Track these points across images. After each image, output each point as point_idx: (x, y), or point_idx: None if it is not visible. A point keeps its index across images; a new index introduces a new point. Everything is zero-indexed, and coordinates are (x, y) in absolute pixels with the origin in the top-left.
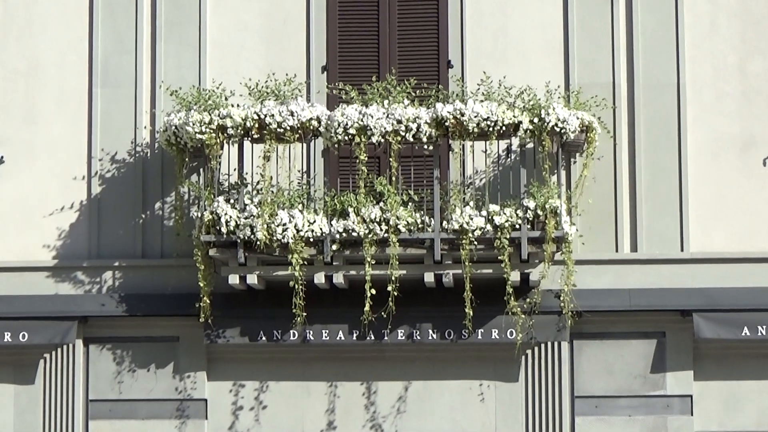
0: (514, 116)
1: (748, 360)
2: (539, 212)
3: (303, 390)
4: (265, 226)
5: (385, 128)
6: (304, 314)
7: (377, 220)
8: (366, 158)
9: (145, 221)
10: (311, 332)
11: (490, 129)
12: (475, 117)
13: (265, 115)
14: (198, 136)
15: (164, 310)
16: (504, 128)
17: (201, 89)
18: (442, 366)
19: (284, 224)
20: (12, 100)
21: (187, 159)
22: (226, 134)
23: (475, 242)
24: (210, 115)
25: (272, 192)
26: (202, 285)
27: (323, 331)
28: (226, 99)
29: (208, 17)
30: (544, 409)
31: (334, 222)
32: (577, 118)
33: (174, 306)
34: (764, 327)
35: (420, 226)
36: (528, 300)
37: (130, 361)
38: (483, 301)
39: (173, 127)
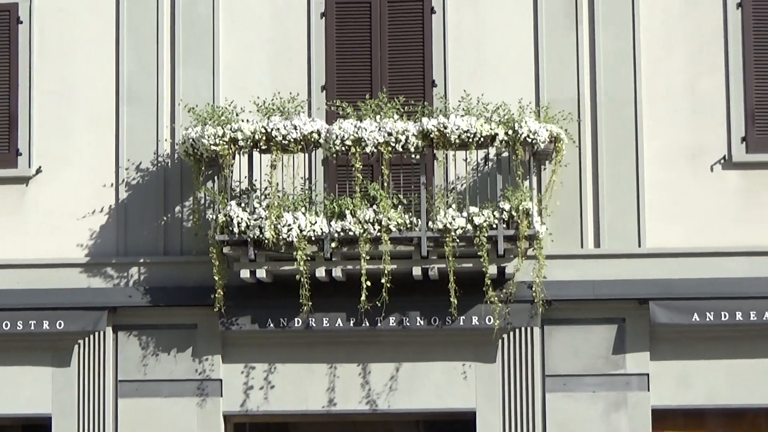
0: (490, 129)
1: (697, 342)
2: (513, 213)
3: (306, 371)
4: (273, 226)
5: (377, 140)
6: (309, 304)
7: (371, 220)
8: (361, 166)
9: (166, 223)
10: (313, 320)
11: (470, 140)
12: (457, 130)
13: (272, 129)
14: (212, 147)
15: (184, 300)
16: (482, 139)
17: (215, 106)
18: (428, 349)
19: (289, 225)
20: (48, 118)
21: (203, 168)
22: (237, 146)
23: (457, 240)
24: (223, 129)
25: (278, 196)
26: (217, 279)
27: (324, 319)
28: (237, 115)
29: (221, 42)
30: (518, 386)
31: (333, 223)
32: (547, 130)
33: (192, 297)
34: (712, 313)
35: (408, 226)
36: (504, 290)
37: (154, 346)
38: (464, 291)
39: (191, 140)
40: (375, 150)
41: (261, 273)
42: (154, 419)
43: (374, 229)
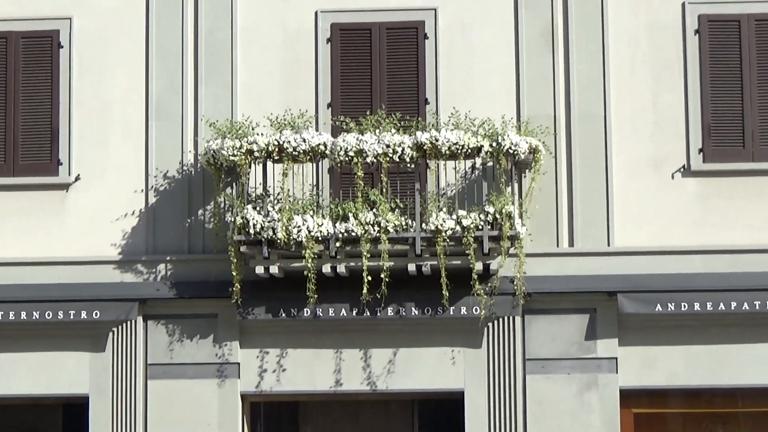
0: (477, 141)
1: (660, 330)
2: (497, 216)
3: (314, 355)
4: (284, 227)
5: (376, 151)
6: (316, 296)
7: (371, 222)
8: (362, 174)
9: (190, 224)
10: (320, 310)
11: (459, 151)
12: (447, 142)
13: (284, 142)
14: (231, 158)
15: (205, 293)
16: (469, 151)
17: (233, 121)
18: (422, 336)
19: (299, 226)
20: (87, 131)
21: (222, 176)
22: (253, 156)
23: (448, 240)
24: (240, 141)
25: (289, 201)
26: (234, 274)
27: (329, 309)
28: (252, 129)
29: (239, 65)
30: (502, 369)
31: (337, 224)
32: (526, 143)
33: (213, 290)
34: (673, 304)
35: (404, 227)
36: (489, 284)
37: (179, 333)
38: (454, 285)
39: (212, 151)
40: (375, 160)
41: (274, 269)
42: (179, 398)
43: (374, 230)
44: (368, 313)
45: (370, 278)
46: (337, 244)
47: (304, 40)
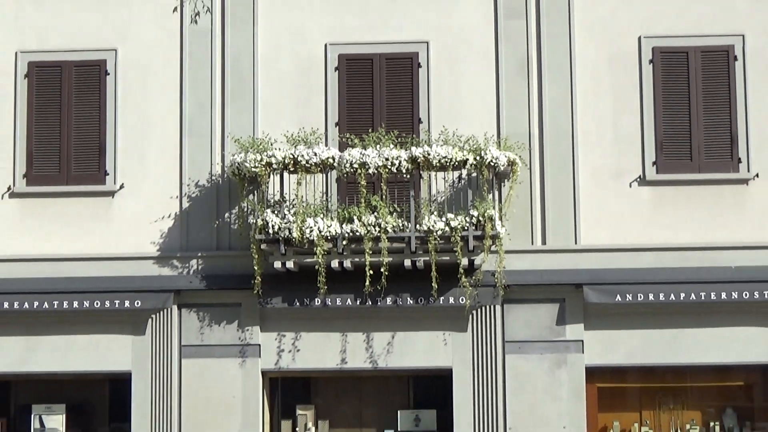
0: (463, 155)
1: (620, 316)
2: (480, 218)
3: (324, 338)
4: (298, 228)
5: (377, 163)
6: (326, 287)
7: (373, 224)
8: (365, 183)
9: (218, 226)
10: (329, 299)
11: (447, 164)
12: (437, 156)
13: (298, 155)
14: (253, 169)
15: (231, 285)
16: (456, 163)
17: (254, 138)
18: (416, 322)
19: (311, 227)
20: (130, 146)
21: (245, 184)
22: (271, 168)
23: (438, 239)
24: (261, 155)
25: (303, 206)
26: (256, 268)
27: (337, 299)
28: (271, 144)
29: (259, 90)
30: (484, 349)
31: (344, 225)
32: (505, 156)
33: (237, 282)
34: (630, 295)
35: (401, 228)
36: (473, 277)
37: (209, 319)
38: (443, 278)
39: (236, 164)
40: (375, 171)
41: (289, 264)
42: (208, 374)
43: (375, 231)
44: (370, 302)
45: (371, 272)
46: (344, 243)
47: (315, 69)
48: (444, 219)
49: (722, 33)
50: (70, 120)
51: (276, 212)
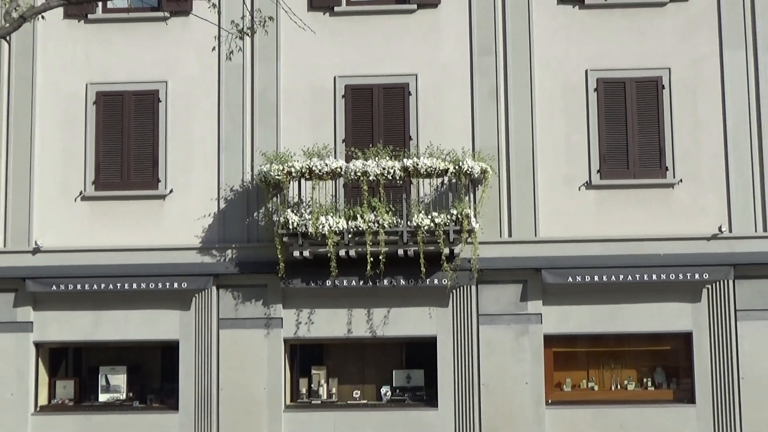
0: (445, 165)
1: (571, 294)
2: (459, 216)
3: (333, 313)
4: (313, 224)
5: (376, 172)
6: (336, 272)
7: (372, 221)
8: (366, 188)
9: (249, 222)
10: (338, 282)
11: (432, 172)
12: (424, 166)
13: (312, 166)
14: (276, 177)
15: (259, 270)
16: (440, 172)
17: (278, 152)
18: (408, 299)
19: (323, 224)
20: (177, 160)
21: (270, 189)
22: (291, 176)
23: (425, 232)
24: (283, 166)
25: (316, 206)
26: (279, 256)
27: (344, 281)
28: (291, 157)
29: (282, 113)
30: (462, 321)
31: (349, 222)
32: (479, 166)
33: (264, 268)
34: (580, 276)
35: (395, 224)
36: (453, 263)
37: (241, 297)
38: (429, 264)
39: (263, 173)
40: (375, 178)
41: (306, 253)
42: (241, 342)
43: (374, 226)
44: (371, 283)
45: (372, 259)
46: (349, 236)
47: (326, 97)
48: (430, 216)
49: (652, 66)
50: (129, 138)
51: (295, 212)
